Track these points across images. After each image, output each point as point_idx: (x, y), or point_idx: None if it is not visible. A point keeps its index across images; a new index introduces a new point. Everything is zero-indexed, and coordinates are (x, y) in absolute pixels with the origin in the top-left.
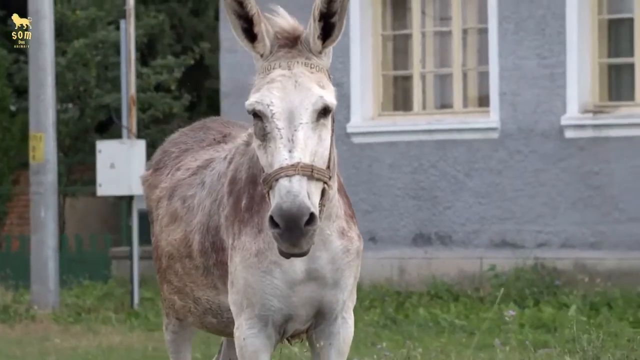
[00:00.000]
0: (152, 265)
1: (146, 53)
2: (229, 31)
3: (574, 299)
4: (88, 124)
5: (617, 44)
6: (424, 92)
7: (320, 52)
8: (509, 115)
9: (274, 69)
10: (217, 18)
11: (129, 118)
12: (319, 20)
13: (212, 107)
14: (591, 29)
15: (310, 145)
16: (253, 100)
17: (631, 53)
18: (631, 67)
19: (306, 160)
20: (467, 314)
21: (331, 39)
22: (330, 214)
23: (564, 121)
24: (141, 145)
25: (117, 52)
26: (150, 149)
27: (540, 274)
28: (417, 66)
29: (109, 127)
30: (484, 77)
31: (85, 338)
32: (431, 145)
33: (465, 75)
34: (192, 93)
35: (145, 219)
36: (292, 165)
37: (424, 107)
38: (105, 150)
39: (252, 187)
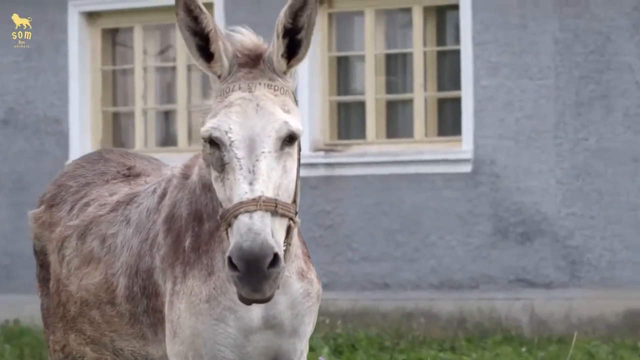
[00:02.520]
0: None
1: None
2: None
3: (318, 340)
4: None
5: (346, 81)
6: (146, 129)
7: (284, 73)
8: None
9: (232, 91)
10: None
11: None
12: (283, 37)
13: None
14: (321, 66)
15: (273, 177)
16: (209, 126)
17: (361, 91)
18: (362, 105)
19: (269, 193)
20: None
21: (297, 58)
22: (290, 254)
23: None
24: None
25: None
26: None
27: None
28: (139, 102)
29: None
30: None
31: None
32: None
33: (190, 113)
34: None
35: None
36: (253, 200)
37: (146, 145)
38: None
39: (196, 224)
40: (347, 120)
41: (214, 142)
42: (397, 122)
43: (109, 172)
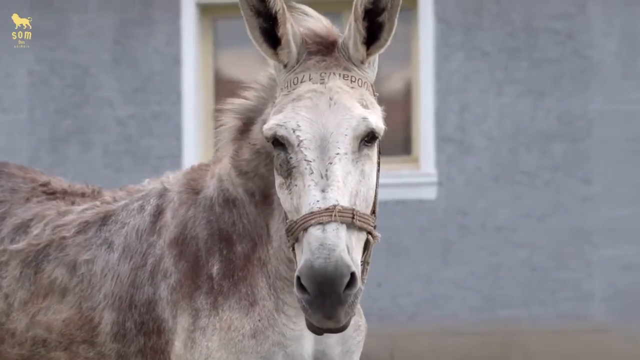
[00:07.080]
0: None
1: None
2: None
3: None
4: None
5: None
6: None
7: (362, 62)
8: None
9: (302, 82)
10: None
11: None
12: (363, 19)
13: None
14: None
15: (349, 182)
16: (273, 123)
17: None
18: None
19: (345, 202)
20: None
21: (378, 44)
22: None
23: None
24: None
25: None
26: None
27: None
28: None
29: None
30: None
31: None
32: None
33: None
34: None
35: None
36: (327, 209)
37: None
38: None
39: (224, 246)
40: None
41: (278, 142)
42: None
43: (20, 189)
